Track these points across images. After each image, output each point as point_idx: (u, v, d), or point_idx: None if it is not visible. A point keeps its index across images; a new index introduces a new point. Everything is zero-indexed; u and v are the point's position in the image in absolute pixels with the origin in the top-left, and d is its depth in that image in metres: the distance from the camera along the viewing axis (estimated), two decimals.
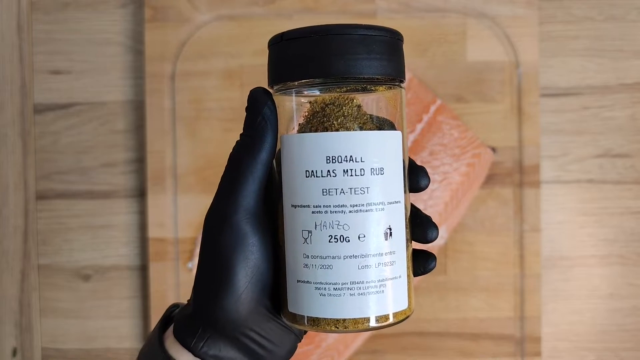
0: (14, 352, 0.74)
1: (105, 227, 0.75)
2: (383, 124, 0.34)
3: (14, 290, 0.74)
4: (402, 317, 0.34)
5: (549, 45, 0.74)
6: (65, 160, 0.74)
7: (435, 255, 0.36)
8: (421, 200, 0.70)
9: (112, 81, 0.75)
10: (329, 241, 0.32)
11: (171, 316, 0.38)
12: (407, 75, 0.71)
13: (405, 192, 0.35)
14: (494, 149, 0.72)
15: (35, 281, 0.74)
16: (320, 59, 0.32)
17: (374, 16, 0.72)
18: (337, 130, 0.33)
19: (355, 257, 0.32)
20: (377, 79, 0.33)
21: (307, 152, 0.33)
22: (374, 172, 0.32)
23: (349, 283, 0.32)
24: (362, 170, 0.32)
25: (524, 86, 0.72)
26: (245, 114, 0.35)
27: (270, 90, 0.35)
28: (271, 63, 0.35)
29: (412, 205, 0.36)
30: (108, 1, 0.74)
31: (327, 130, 0.33)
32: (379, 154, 0.33)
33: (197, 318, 0.35)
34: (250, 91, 0.35)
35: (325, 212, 0.32)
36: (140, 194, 0.74)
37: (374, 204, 0.33)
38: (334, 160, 0.32)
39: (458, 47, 0.72)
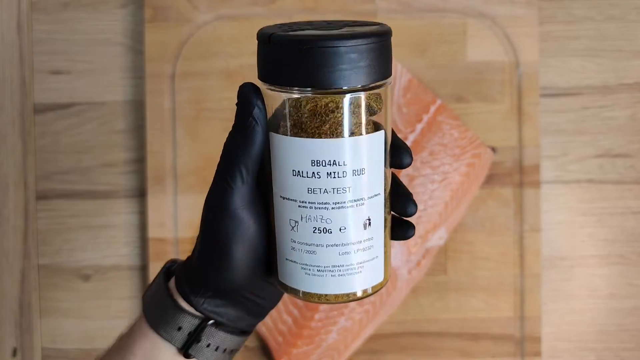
0: (14, 352, 0.74)
1: (105, 227, 0.75)
2: (367, 125, 0.35)
3: (14, 290, 0.74)
4: (378, 288, 0.38)
5: (549, 45, 0.74)
6: (65, 160, 0.74)
7: (416, 229, 0.39)
8: (421, 201, 0.70)
9: (112, 81, 0.75)
10: (313, 232, 0.35)
11: (170, 270, 0.43)
12: (407, 75, 0.71)
13: (386, 166, 0.37)
14: (494, 149, 0.72)
15: (35, 281, 0.74)
16: (307, 70, 0.33)
17: (374, 16, 0.72)
18: (323, 133, 0.34)
19: (337, 245, 0.36)
20: (364, 86, 0.34)
21: (293, 154, 0.35)
22: (356, 173, 0.35)
23: (330, 266, 0.36)
24: (344, 173, 0.34)
25: (524, 86, 0.72)
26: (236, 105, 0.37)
27: (260, 84, 0.36)
28: (260, 60, 0.36)
29: (394, 177, 0.38)
30: (108, 1, 0.74)
31: (314, 133, 0.34)
32: (361, 157, 0.35)
33: (199, 283, 0.39)
34: (240, 87, 0.37)
35: (310, 207, 0.35)
36: (140, 194, 0.74)
37: (355, 200, 0.35)
38: (318, 164, 0.34)
39: (458, 47, 0.72)
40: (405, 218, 0.39)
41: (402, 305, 0.72)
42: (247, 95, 0.36)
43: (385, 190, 0.37)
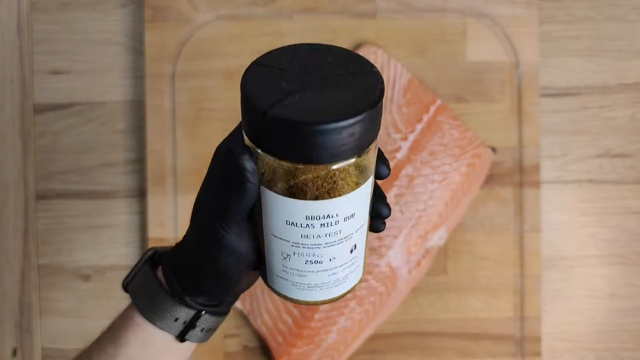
0: (14, 352, 0.74)
1: (105, 227, 0.75)
2: (359, 181, 0.35)
3: (14, 290, 0.74)
4: (356, 286, 0.41)
5: (549, 45, 0.74)
6: (65, 160, 0.74)
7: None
8: (421, 201, 0.69)
9: (112, 81, 0.75)
10: (305, 263, 0.37)
11: (153, 259, 0.45)
12: (407, 75, 0.71)
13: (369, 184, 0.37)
14: (494, 149, 0.72)
15: (35, 281, 0.74)
16: (304, 149, 0.32)
17: (374, 16, 0.72)
18: (318, 196, 0.34)
19: (326, 270, 0.38)
20: (359, 154, 0.34)
21: (287, 210, 0.35)
22: (347, 219, 0.36)
23: (320, 284, 0.38)
24: (336, 222, 0.36)
25: (524, 86, 0.72)
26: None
27: (249, 141, 0.35)
28: (249, 122, 0.34)
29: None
30: (108, 1, 0.74)
31: (309, 197, 0.34)
32: (352, 206, 0.36)
33: (194, 288, 0.42)
34: (229, 149, 0.35)
35: (303, 247, 0.36)
36: (140, 194, 0.74)
37: (344, 237, 0.37)
38: (312, 218, 0.35)
39: (458, 47, 0.72)
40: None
41: (402, 305, 0.72)
42: (242, 161, 0.35)
43: (369, 212, 0.38)
